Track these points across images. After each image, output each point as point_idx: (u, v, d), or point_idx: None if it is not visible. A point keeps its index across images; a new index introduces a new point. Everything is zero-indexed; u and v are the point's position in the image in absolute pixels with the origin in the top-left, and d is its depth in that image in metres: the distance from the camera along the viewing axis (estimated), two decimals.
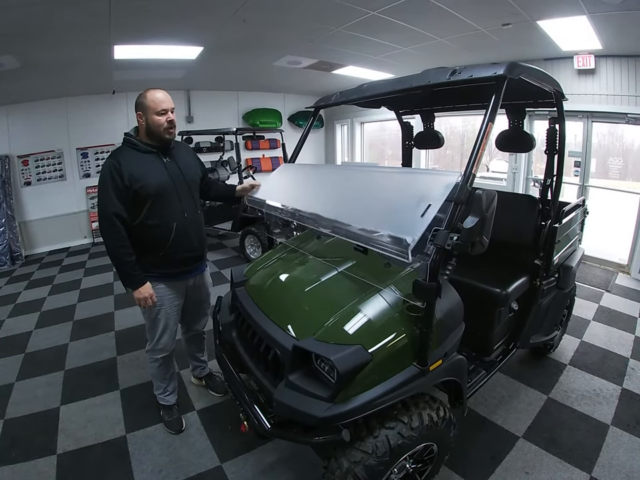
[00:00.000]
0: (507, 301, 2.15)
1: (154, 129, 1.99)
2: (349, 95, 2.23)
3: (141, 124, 2.02)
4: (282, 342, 1.61)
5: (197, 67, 5.71)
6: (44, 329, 3.92)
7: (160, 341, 2.29)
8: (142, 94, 2.00)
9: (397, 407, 1.53)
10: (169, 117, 2.00)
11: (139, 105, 2.00)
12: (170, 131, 2.03)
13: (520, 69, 1.53)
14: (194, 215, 2.21)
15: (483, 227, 1.28)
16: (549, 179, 2.25)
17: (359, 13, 3.70)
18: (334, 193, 2.08)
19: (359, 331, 1.52)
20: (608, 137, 5.69)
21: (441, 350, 1.56)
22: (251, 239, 5.36)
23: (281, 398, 1.51)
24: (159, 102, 1.96)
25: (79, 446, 2.37)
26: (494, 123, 1.45)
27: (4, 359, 3.40)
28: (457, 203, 1.34)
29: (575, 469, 2.11)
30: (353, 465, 1.45)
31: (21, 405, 2.76)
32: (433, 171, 1.79)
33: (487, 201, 1.29)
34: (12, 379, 3.07)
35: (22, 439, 2.44)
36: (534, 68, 1.70)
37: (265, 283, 2.05)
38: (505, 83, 1.48)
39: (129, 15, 3.60)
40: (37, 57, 4.44)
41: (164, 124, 1.99)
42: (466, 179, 1.37)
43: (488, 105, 1.46)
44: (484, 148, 1.42)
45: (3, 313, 4.40)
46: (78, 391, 2.90)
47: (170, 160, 2.11)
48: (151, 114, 1.96)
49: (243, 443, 2.30)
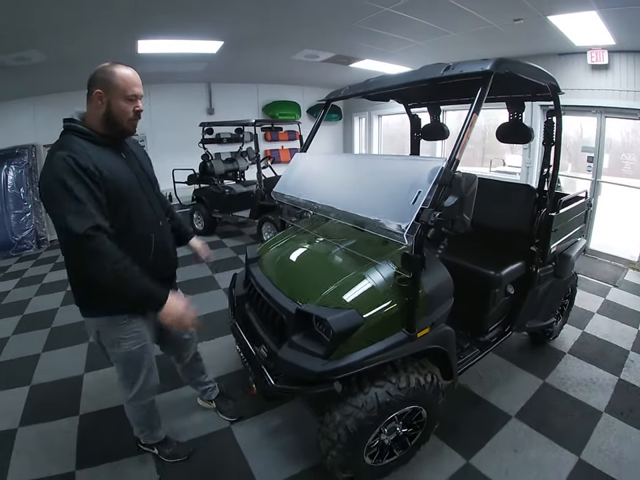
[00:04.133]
0: (501, 283, 2.28)
1: (117, 117, 1.50)
2: (356, 88, 2.37)
3: (98, 106, 1.48)
4: (287, 307, 1.79)
5: (218, 60, 5.88)
6: (68, 306, 4.11)
7: (149, 383, 1.87)
8: (106, 67, 1.49)
9: (386, 369, 1.71)
10: (138, 106, 1.54)
11: (100, 81, 1.47)
12: (135, 124, 1.58)
13: (507, 65, 1.64)
14: (165, 221, 1.84)
15: (462, 205, 1.43)
16: (545, 169, 2.35)
17: (373, 10, 3.83)
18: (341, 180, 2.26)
19: (354, 298, 1.69)
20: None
21: (429, 319, 1.72)
22: (268, 225, 5.54)
23: (284, 356, 1.69)
24: (131, 84, 1.49)
25: (99, 408, 2.58)
26: (478, 114, 1.59)
27: (31, 332, 3.66)
28: (440, 184, 1.49)
29: (564, 450, 2.19)
30: (345, 418, 1.63)
31: (47, 373, 2.98)
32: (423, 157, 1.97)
33: (466, 183, 1.44)
34: (38, 350, 3.31)
35: (47, 402, 2.64)
36: (523, 63, 1.82)
37: (275, 259, 2.24)
38: (491, 77, 1.60)
39: (153, 11, 3.79)
40: (62, 51, 4.66)
41: (130, 113, 1.52)
42: (449, 163, 1.52)
43: (474, 98, 1.60)
44: (468, 137, 1.56)
45: (29, 292, 4.68)
46: (101, 361, 3.08)
47: (127, 157, 1.65)
48: (117, 97, 1.47)
49: (251, 409, 2.49)
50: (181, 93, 7.94)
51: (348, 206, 1.86)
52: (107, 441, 2.30)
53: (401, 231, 1.47)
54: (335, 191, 2.11)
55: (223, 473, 2.08)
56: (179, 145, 7.81)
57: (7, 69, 4.85)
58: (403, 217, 1.49)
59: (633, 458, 2.13)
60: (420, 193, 1.49)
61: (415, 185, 1.54)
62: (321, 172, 2.48)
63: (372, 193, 1.86)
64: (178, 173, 6.85)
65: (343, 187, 2.14)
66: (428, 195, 1.49)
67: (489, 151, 8.09)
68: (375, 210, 1.67)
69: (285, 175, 2.59)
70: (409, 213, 1.48)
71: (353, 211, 1.81)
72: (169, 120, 7.89)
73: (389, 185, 1.78)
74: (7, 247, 6.42)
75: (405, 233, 1.46)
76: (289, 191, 2.38)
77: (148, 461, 2.15)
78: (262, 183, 5.74)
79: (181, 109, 7.98)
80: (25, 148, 6.68)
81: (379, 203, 1.71)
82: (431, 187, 1.49)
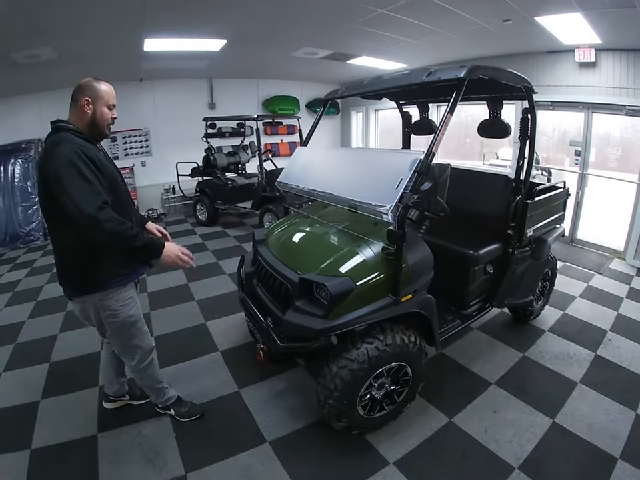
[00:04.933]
0: (478, 261, 2.56)
1: (99, 122, 1.82)
2: (352, 89, 2.67)
3: (85, 111, 1.78)
4: (292, 278, 2.11)
5: (220, 57, 6.05)
6: None
7: (146, 344, 2.15)
8: (91, 81, 1.81)
9: (375, 328, 2.03)
10: (114, 115, 1.88)
11: (90, 89, 1.78)
12: (110, 129, 1.90)
13: (479, 72, 1.92)
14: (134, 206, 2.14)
15: (436, 189, 1.76)
16: (520, 161, 2.60)
17: (368, 11, 4.03)
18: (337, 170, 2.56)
19: (348, 269, 2.00)
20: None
21: (411, 287, 2.03)
22: (269, 215, 5.79)
23: (290, 319, 2.00)
24: (112, 96, 1.85)
25: None
26: (452, 114, 1.88)
27: (47, 316, 3.88)
28: (419, 173, 1.79)
29: (539, 414, 2.43)
30: (340, 369, 1.95)
31: (65, 351, 3.20)
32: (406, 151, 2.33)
33: (439, 171, 1.78)
34: (55, 332, 3.54)
35: (66, 376, 2.84)
36: (497, 69, 2.10)
37: (280, 239, 2.55)
38: (464, 83, 1.88)
39: (161, 12, 3.96)
40: (72, 48, 4.80)
41: (109, 119, 1.86)
42: (426, 155, 1.81)
43: (449, 100, 1.88)
44: (443, 133, 1.86)
45: (41, 280, 4.89)
46: None
47: (104, 154, 1.95)
48: (102, 104, 1.80)
49: (257, 375, 2.79)
50: (183, 88, 8.09)
51: (343, 192, 2.17)
52: (126, 408, 2.55)
53: (386, 211, 1.79)
54: (332, 180, 2.41)
55: (234, 430, 2.35)
56: (180, 138, 8.01)
57: (17, 66, 4.99)
58: (388, 199, 1.80)
59: (604, 424, 2.34)
60: (402, 180, 1.80)
61: (398, 173, 1.84)
62: (319, 163, 2.77)
63: (363, 180, 2.17)
64: (181, 165, 7.11)
65: (338, 176, 2.44)
66: (408, 182, 1.79)
67: (488, 145, 8.31)
68: (365, 194, 1.98)
69: (288, 166, 2.88)
70: (392, 196, 1.79)
71: (347, 196, 2.12)
72: (172, 114, 8.05)
73: (377, 173, 2.10)
74: (15, 239, 6.62)
75: (390, 212, 1.78)
76: (291, 180, 2.68)
77: (165, 422, 2.41)
78: (263, 176, 6.00)
79: (183, 104, 8.14)
80: (31, 142, 6.84)
81: (369, 189, 2.02)
82: (411, 175, 1.79)
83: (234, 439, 2.27)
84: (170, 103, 8.07)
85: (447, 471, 2.06)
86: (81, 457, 2.18)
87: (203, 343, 3.26)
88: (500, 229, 2.67)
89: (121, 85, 7.31)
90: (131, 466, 2.12)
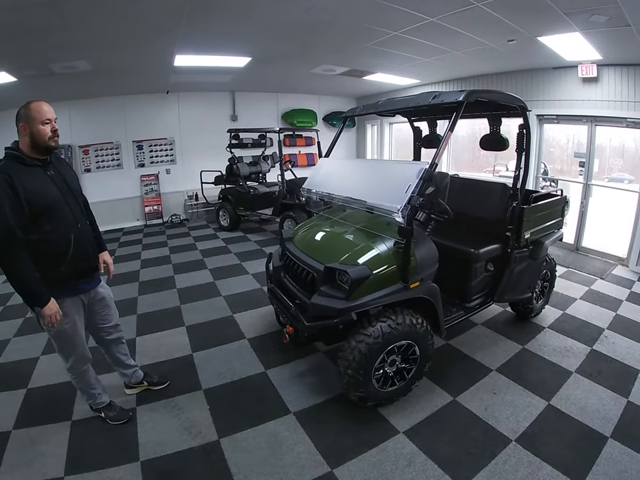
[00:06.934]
0: (479, 259, 2.89)
1: (39, 139, 1.96)
2: (369, 108, 3.11)
3: (24, 135, 1.96)
4: (317, 267, 2.51)
5: (244, 72, 6.46)
6: (115, 287, 4.31)
7: (77, 353, 2.26)
8: (25, 106, 1.97)
9: (388, 310, 2.39)
10: (53, 127, 2.00)
11: (22, 117, 1.95)
12: (55, 139, 2.02)
13: (475, 95, 2.29)
14: (84, 224, 2.22)
15: (437, 193, 2.18)
16: (517, 171, 2.94)
17: (383, 33, 4.42)
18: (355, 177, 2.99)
19: (365, 260, 2.39)
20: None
21: (419, 276, 2.39)
22: (289, 222, 6.12)
23: (316, 301, 2.39)
24: (44, 112, 1.96)
25: (154, 361, 3.16)
26: (452, 132, 2.26)
27: None
28: (424, 180, 2.17)
29: (536, 396, 2.68)
30: (358, 343, 2.31)
31: None
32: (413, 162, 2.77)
33: (440, 178, 2.20)
34: None
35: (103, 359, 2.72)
36: (493, 91, 2.50)
37: (306, 237, 2.98)
38: (463, 106, 2.25)
39: (196, 33, 4.34)
40: (106, 62, 5.16)
41: (49, 133, 1.98)
42: (430, 165, 2.18)
43: (450, 119, 2.26)
44: (444, 147, 2.25)
45: None
46: (150, 327, 3.73)
47: (54, 173, 2.09)
48: (36, 124, 1.93)
49: (281, 358, 3.14)
50: (206, 100, 8.54)
51: (360, 195, 2.60)
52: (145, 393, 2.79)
53: (397, 211, 2.19)
54: (350, 186, 2.81)
55: (261, 403, 2.68)
56: (203, 148, 8.47)
57: (54, 75, 5.34)
58: (399, 201, 2.20)
59: (596, 408, 2.56)
60: (410, 185, 2.19)
61: (407, 180, 2.22)
62: (339, 172, 3.18)
63: (377, 186, 2.58)
64: (204, 174, 7.54)
65: (356, 182, 2.85)
66: (415, 187, 2.19)
67: (501, 157, 8.59)
68: (379, 197, 2.40)
69: (312, 174, 3.30)
70: (402, 199, 2.19)
71: (364, 199, 2.53)
72: (195, 125, 8.51)
73: (389, 180, 2.51)
74: None
75: (400, 211, 2.18)
76: (315, 187, 3.09)
77: (199, 396, 2.74)
78: (284, 184, 6.38)
79: (207, 115, 8.59)
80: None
81: (382, 193, 2.42)
82: (417, 181, 2.17)
83: (262, 410, 2.59)
84: (194, 114, 8.51)
85: (450, 440, 2.33)
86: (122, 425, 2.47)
87: (231, 331, 3.62)
88: (499, 231, 2.99)
89: (148, 95, 7.90)
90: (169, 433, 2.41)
